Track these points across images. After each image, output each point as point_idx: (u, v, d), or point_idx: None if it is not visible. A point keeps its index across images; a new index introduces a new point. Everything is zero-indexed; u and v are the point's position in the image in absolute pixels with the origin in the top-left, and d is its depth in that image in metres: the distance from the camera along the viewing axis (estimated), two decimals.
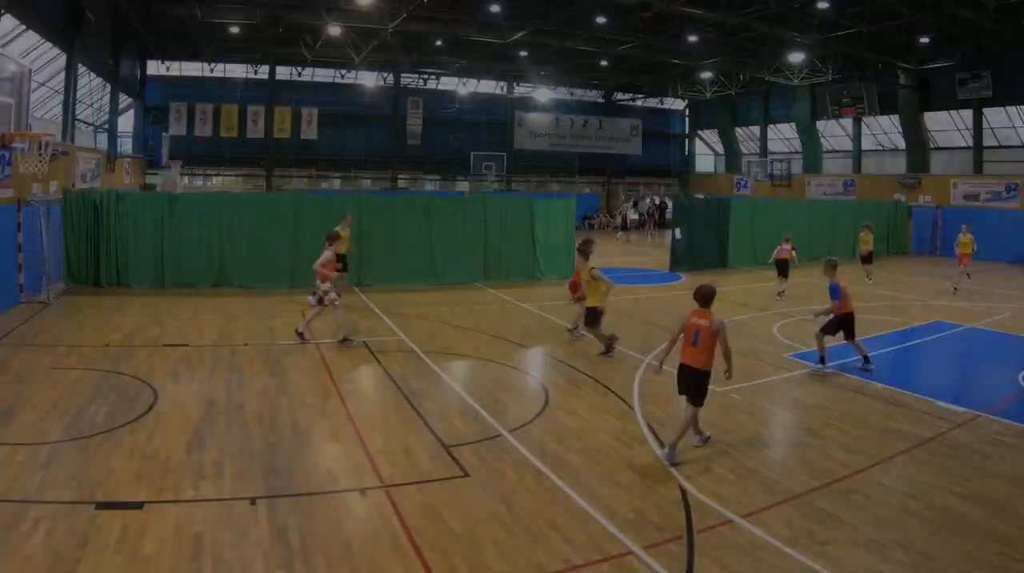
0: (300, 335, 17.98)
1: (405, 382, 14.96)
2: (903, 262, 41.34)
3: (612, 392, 14.60)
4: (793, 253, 26.72)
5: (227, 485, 9.74)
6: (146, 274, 24.75)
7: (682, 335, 11.44)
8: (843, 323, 16.25)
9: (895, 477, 10.74)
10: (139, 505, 9.04)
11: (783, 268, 26.46)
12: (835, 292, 16.05)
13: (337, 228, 21.36)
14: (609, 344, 17.36)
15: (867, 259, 31.18)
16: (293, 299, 22.89)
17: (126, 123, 50.73)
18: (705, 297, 11.43)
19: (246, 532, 8.50)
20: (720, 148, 69.33)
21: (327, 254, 17.48)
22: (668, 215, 56.68)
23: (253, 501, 9.28)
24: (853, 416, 13.43)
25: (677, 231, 33.66)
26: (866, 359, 16.43)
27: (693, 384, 11.16)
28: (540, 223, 29.64)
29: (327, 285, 17.36)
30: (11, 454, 10.24)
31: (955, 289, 28.73)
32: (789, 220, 35.59)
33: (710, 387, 11.31)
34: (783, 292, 26.17)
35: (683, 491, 9.96)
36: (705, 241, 33.92)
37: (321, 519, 8.92)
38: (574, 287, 18.98)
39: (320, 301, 17.44)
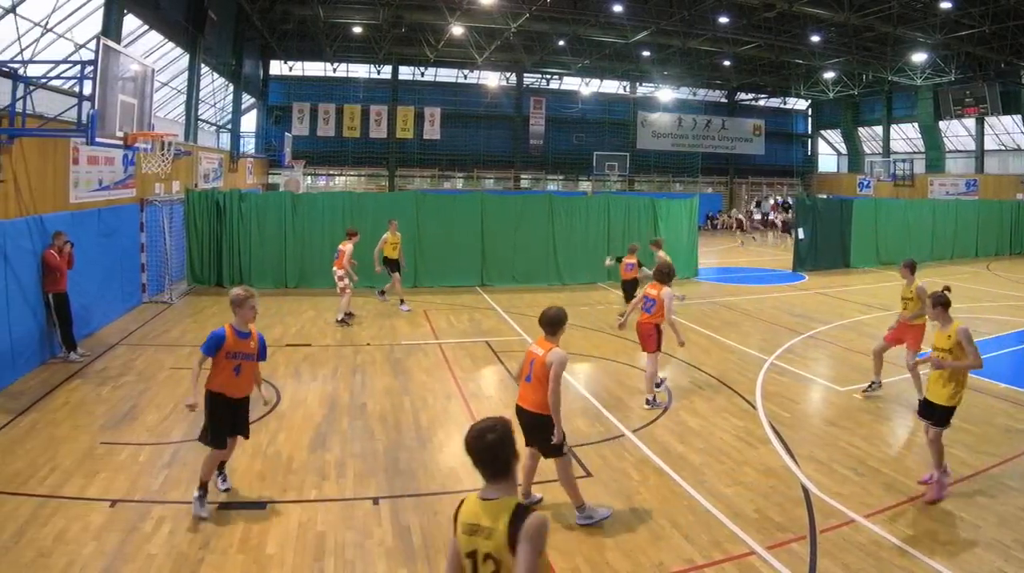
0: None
1: None
2: None
3: (735, 392, 14.53)
4: (643, 269, 20.86)
5: (350, 485, 9.83)
6: (268, 274, 25.28)
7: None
8: None
9: (1018, 477, 10.51)
10: (262, 505, 9.20)
11: (630, 289, 21.04)
12: None
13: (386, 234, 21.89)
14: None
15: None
16: (415, 298, 23.13)
17: (249, 123, 52.46)
18: (550, 322, 8.99)
19: (369, 532, 8.57)
20: (843, 148, 68.56)
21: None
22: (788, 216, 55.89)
23: (376, 501, 9.36)
24: (975, 416, 13.05)
25: (800, 231, 33.31)
26: None
27: (535, 433, 9.00)
28: (663, 223, 29.41)
29: (340, 271, 20.20)
30: (134, 454, 10.49)
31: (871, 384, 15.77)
32: (912, 220, 36.46)
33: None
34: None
35: (806, 491, 9.90)
36: (828, 241, 33.94)
37: (444, 519, 8.86)
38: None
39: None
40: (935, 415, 9.74)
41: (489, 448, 4.54)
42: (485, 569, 4.47)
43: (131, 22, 26.43)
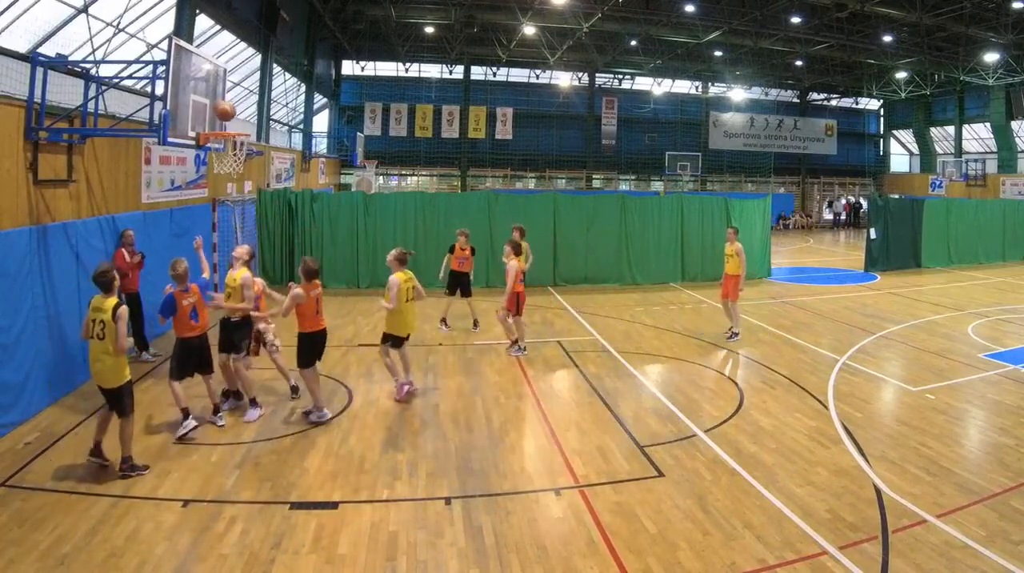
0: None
1: (599, 382, 14.98)
2: None
3: (807, 392, 14.55)
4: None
5: (421, 485, 9.86)
6: (341, 274, 25.48)
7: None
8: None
9: None
10: (334, 505, 9.26)
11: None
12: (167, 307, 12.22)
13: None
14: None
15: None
16: (490, 298, 23.09)
17: (321, 123, 53.14)
18: (315, 272, 13.03)
19: (441, 532, 8.59)
20: (915, 148, 67.65)
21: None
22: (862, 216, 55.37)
23: (448, 501, 9.37)
24: None
25: (872, 231, 33.17)
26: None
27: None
28: (736, 223, 28.88)
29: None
30: (206, 454, 10.60)
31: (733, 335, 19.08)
32: (983, 220, 36.59)
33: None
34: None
35: (878, 491, 9.95)
36: (899, 241, 33.82)
37: (516, 519, 8.97)
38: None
39: None
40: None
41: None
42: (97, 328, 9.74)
43: (203, 22, 26.89)
